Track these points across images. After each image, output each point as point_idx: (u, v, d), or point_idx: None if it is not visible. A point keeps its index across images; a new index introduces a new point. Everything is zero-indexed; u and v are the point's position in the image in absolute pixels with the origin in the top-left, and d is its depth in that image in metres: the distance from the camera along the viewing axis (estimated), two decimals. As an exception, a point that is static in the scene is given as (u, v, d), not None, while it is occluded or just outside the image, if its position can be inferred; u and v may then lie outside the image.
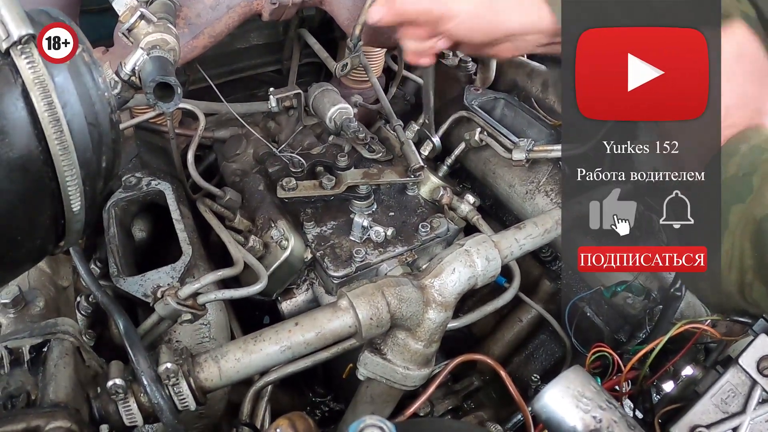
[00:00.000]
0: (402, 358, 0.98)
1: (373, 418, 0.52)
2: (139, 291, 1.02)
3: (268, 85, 1.45)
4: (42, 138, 0.61)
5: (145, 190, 1.19)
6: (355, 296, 0.91)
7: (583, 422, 0.68)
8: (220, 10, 1.20)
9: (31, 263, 0.77)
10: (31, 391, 0.77)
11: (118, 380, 0.79)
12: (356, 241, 1.16)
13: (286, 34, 1.55)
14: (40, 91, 0.61)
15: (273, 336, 0.88)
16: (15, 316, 0.94)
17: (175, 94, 0.88)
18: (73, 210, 0.66)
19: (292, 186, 1.20)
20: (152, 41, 0.93)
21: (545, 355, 1.34)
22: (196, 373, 0.84)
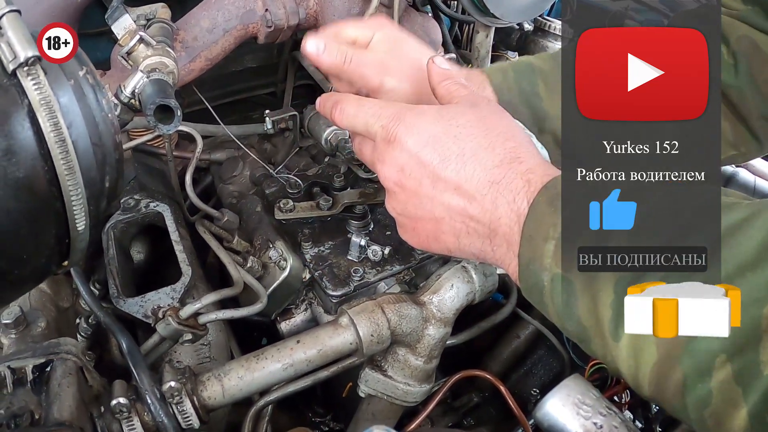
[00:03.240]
0: (403, 374, 0.98)
1: (381, 427, 0.53)
2: (140, 312, 1.02)
3: (262, 107, 1.47)
4: (48, 158, 0.62)
5: (143, 211, 1.20)
6: (355, 313, 0.92)
7: (584, 429, 0.68)
8: (217, 34, 1.21)
9: (35, 282, 0.77)
10: (34, 410, 0.78)
11: (122, 399, 0.79)
12: (354, 260, 1.17)
13: (279, 56, 1.57)
14: (46, 111, 0.62)
15: (275, 354, 0.89)
16: (16, 336, 0.95)
17: (175, 116, 0.89)
18: (78, 229, 0.67)
19: (289, 207, 1.21)
20: (151, 64, 0.95)
21: (544, 370, 1.35)
22: (199, 392, 0.84)
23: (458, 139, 0.75)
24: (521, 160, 0.73)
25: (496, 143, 0.75)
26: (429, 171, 0.76)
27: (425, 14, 1.56)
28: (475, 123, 0.76)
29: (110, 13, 1.00)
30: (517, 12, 1.43)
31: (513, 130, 0.78)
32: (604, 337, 0.63)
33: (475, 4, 1.39)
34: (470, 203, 0.74)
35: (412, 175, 0.78)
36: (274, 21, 1.25)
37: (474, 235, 0.76)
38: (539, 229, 0.68)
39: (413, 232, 0.84)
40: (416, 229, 0.82)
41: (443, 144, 0.76)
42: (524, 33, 1.85)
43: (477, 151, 0.74)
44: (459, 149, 0.75)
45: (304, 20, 1.29)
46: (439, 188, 0.76)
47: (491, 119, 0.78)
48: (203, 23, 1.21)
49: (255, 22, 1.25)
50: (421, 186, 0.77)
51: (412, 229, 0.83)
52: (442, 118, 0.78)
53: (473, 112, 0.78)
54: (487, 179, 0.73)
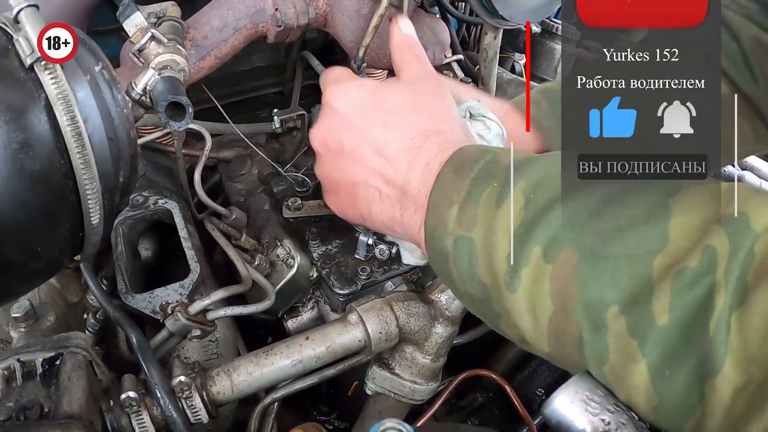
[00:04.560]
0: (410, 372, 0.99)
1: (393, 421, 0.53)
2: (148, 308, 1.03)
3: (269, 106, 1.47)
4: (64, 151, 0.63)
5: (152, 208, 1.20)
6: (364, 311, 0.92)
7: (593, 425, 0.68)
8: (227, 32, 1.22)
9: (48, 276, 0.78)
10: (43, 403, 0.78)
11: (131, 393, 0.80)
12: (361, 259, 1.17)
13: (287, 56, 1.57)
14: (63, 105, 0.62)
15: (284, 350, 0.89)
16: (26, 330, 0.95)
17: (186, 113, 0.90)
18: (92, 222, 0.67)
19: (297, 206, 1.21)
20: (163, 61, 0.95)
21: (548, 371, 1.35)
22: (208, 387, 0.85)
23: (386, 112, 0.80)
24: (441, 132, 0.77)
25: (420, 119, 0.79)
26: (352, 133, 0.81)
27: (433, 15, 1.56)
28: (407, 100, 0.81)
29: (122, 11, 1.00)
30: (525, 13, 1.43)
31: (443, 110, 0.82)
32: (501, 291, 0.65)
33: (484, 6, 1.39)
34: (387, 165, 0.78)
35: (337, 137, 0.83)
36: (284, 20, 1.25)
37: (386, 201, 0.80)
38: (444, 195, 0.71)
39: (335, 197, 0.89)
40: (337, 194, 0.88)
41: (371, 112, 0.81)
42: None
43: (401, 123, 0.79)
44: (384, 119, 0.79)
45: (313, 20, 1.30)
46: (360, 150, 0.80)
47: (425, 98, 0.82)
48: (213, 22, 1.21)
49: (265, 21, 1.25)
50: (343, 148, 0.82)
51: (334, 193, 0.89)
52: (377, 90, 0.83)
53: (409, 89, 0.83)
54: (406, 146, 0.77)
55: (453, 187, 0.70)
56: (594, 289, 0.57)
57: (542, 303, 0.61)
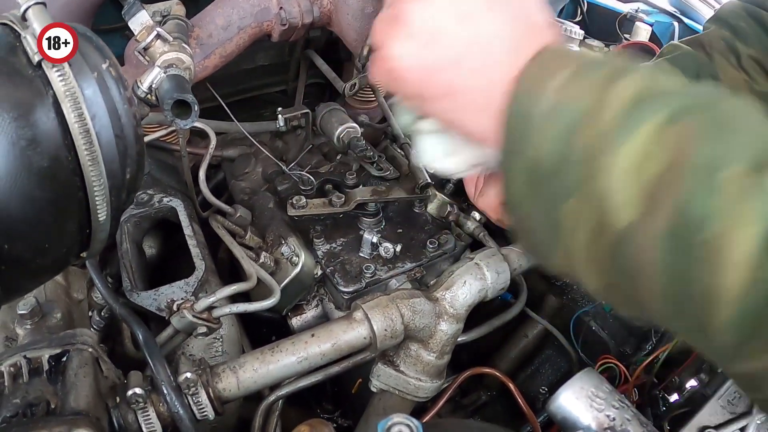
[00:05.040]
0: (415, 370, 0.99)
1: (400, 416, 0.53)
2: (153, 305, 1.03)
3: (273, 105, 1.47)
4: (72, 148, 0.63)
5: (157, 206, 1.21)
6: (369, 308, 0.92)
7: (597, 421, 0.69)
8: (231, 31, 1.22)
9: (54, 272, 0.78)
10: (50, 400, 0.78)
11: (138, 389, 0.80)
12: (366, 257, 1.17)
13: (291, 55, 1.57)
14: (71, 102, 0.63)
15: (290, 347, 0.90)
16: (32, 327, 0.95)
17: (192, 111, 0.90)
18: (99, 219, 0.68)
19: (302, 204, 1.21)
20: (169, 60, 0.95)
21: (551, 370, 1.35)
22: (214, 383, 0.85)
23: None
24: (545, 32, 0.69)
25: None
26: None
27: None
28: None
29: (127, 9, 1.00)
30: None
31: None
32: (600, 151, 0.57)
33: (488, 5, 1.39)
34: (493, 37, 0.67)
35: None
36: (289, 19, 1.26)
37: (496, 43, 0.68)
38: (549, 65, 0.64)
39: (408, 40, 0.69)
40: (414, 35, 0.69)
41: None
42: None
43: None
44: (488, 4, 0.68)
45: (318, 18, 1.30)
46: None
47: None
48: (218, 20, 1.21)
49: (269, 19, 1.25)
50: None
51: (409, 36, 0.69)
52: None
53: None
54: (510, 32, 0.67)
55: (558, 64, 0.63)
56: (716, 149, 0.52)
57: (651, 159, 0.55)
